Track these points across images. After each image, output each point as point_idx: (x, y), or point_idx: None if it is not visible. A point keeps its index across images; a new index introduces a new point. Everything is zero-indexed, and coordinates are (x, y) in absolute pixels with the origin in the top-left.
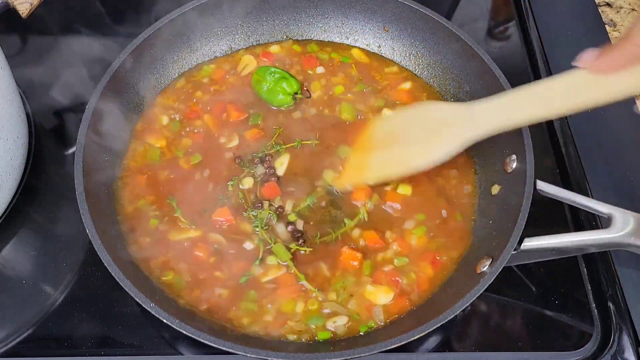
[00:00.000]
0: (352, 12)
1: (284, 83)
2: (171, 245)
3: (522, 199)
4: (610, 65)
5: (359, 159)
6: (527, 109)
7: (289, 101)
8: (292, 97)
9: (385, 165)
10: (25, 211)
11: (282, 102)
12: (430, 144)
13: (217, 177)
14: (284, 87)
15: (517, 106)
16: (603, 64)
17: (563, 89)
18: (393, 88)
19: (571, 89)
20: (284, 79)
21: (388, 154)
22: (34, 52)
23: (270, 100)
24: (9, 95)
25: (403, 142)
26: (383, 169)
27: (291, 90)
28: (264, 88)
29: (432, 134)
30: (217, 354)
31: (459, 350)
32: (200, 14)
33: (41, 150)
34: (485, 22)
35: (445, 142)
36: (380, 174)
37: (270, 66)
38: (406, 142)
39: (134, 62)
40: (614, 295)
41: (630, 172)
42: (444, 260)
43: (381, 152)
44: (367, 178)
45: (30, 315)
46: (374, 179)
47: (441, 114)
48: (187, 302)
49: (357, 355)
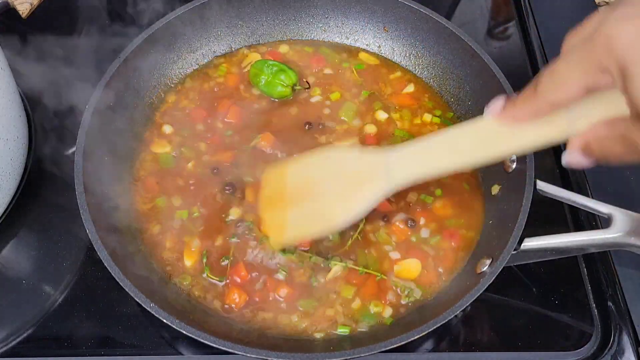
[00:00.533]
0: (352, 12)
1: (282, 75)
2: None
3: (522, 199)
4: (515, 117)
5: (272, 217)
6: (440, 159)
7: (288, 93)
8: (291, 89)
9: (304, 224)
10: (25, 211)
11: (281, 94)
12: (348, 199)
13: None
14: (282, 79)
15: (431, 156)
16: (508, 115)
17: (473, 138)
18: (397, 93)
19: (481, 138)
20: (282, 71)
21: (304, 209)
22: (34, 52)
23: (269, 93)
24: (9, 95)
25: (317, 196)
26: (302, 228)
27: (289, 82)
28: (262, 81)
29: (348, 188)
30: (217, 354)
31: (458, 350)
32: (201, 14)
33: (41, 150)
34: (485, 22)
35: (364, 196)
36: (300, 232)
37: (267, 59)
38: (320, 196)
39: (134, 61)
40: (614, 295)
41: (630, 172)
42: None
43: (296, 207)
44: (289, 238)
45: (30, 315)
46: (296, 238)
47: (355, 166)
48: None
49: (357, 355)
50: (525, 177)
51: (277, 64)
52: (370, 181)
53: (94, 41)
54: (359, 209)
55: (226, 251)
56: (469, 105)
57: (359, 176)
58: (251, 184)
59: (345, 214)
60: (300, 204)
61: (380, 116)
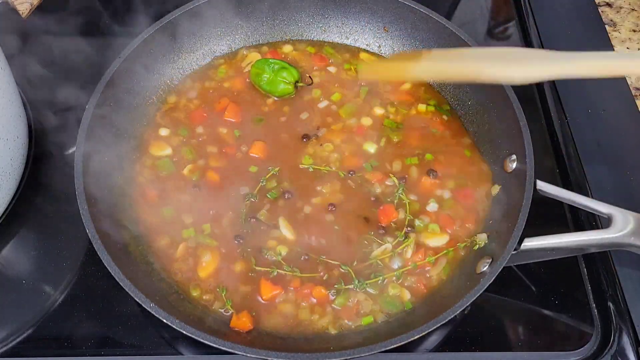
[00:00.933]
0: (352, 12)
1: (284, 73)
2: None
3: (522, 199)
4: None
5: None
6: None
7: (290, 90)
8: (293, 85)
9: (445, 67)
10: (25, 211)
11: (284, 92)
12: (509, 63)
13: None
14: (285, 77)
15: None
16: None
17: None
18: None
19: None
20: (284, 69)
21: (457, 62)
22: (34, 52)
23: (271, 91)
24: (9, 95)
25: (479, 58)
26: (441, 68)
27: (292, 79)
28: (264, 80)
29: (512, 59)
30: (217, 354)
31: (458, 350)
32: (201, 14)
33: (41, 150)
34: (485, 22)
35: (525, 67)
36: (432, 71)
37: (268, 58)
38: (483, 58)
39: (134, 62)
40: (614, 295)
41: (630, 172)
42: None
43: (448, 61)
44: (411, 71)
45: (30, 315)
46: (418, 74)
47: (523, 53)
48: None
49: (357, 355)
50: (525, 177)
51: (278, 62)
52: (535, 59)
53: (93, 41)
54: (517, 73)
55: None
56: (469, 105)
57: (525, 56)
58: None
59: (502, 71)
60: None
61: (377, 112)
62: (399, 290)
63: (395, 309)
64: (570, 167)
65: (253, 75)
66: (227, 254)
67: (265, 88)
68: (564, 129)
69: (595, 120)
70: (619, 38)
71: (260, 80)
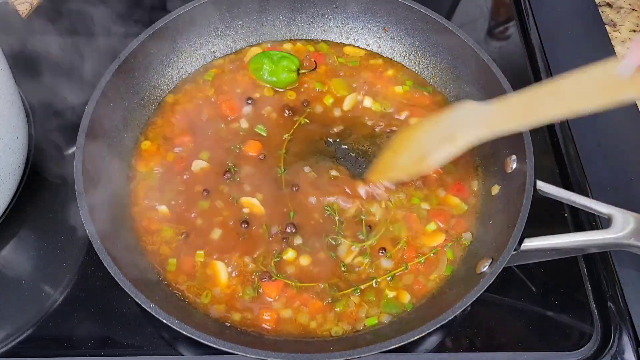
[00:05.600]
0: (352, 12)
1: (285, 61)
2: None
3: (522, 199)
4: None
5: (388, 159)
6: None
7: (294, 78)
8: (296, 73)
9: (405, 165)
10: (25, 211)
11: (288, 81)
12: (444, 143)
13: None
14: (286, 65)
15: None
16: None
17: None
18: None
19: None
20: (284, 57)
21: (410, 154)
22: (34, 52)
23: (274, 82)
24: (9, 95)
25: (423, 144)
26: (403, 168)
27: (293, 66)
28: (265, 72)
29: (448, 135)
30: (217, 354)
31: (458, 351)
32: (201, 14)
33: (41, 150)
34: (485, 22)
35: (459, 141)
36: (400, 173)
37: (267, 50)
38: (426, 143)
39: (134, 62)
40: (614, 295)
41: (630, 172)
42: None
43: (406, 153)
44: (391, 177)
45: (30, 315)
46: (394, 177)
47: (462, 114)
48: None
49: (357, 355)
50: (525, 177)
51: (277, 52)
52: (469, 126)
53: (93, 41)
54: (452, 150)
55: None
56: None
57: (461, 122)
58: None
59: (440, 154)
60: (409, 150)
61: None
62: (396, 292)
63: (395, 310)
64: (570, 167)
65: (253, 71)
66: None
67: (268, 81)
68: (564, 129)
69: (595, 120)
70: (619, 38)
71: (262, 75)
